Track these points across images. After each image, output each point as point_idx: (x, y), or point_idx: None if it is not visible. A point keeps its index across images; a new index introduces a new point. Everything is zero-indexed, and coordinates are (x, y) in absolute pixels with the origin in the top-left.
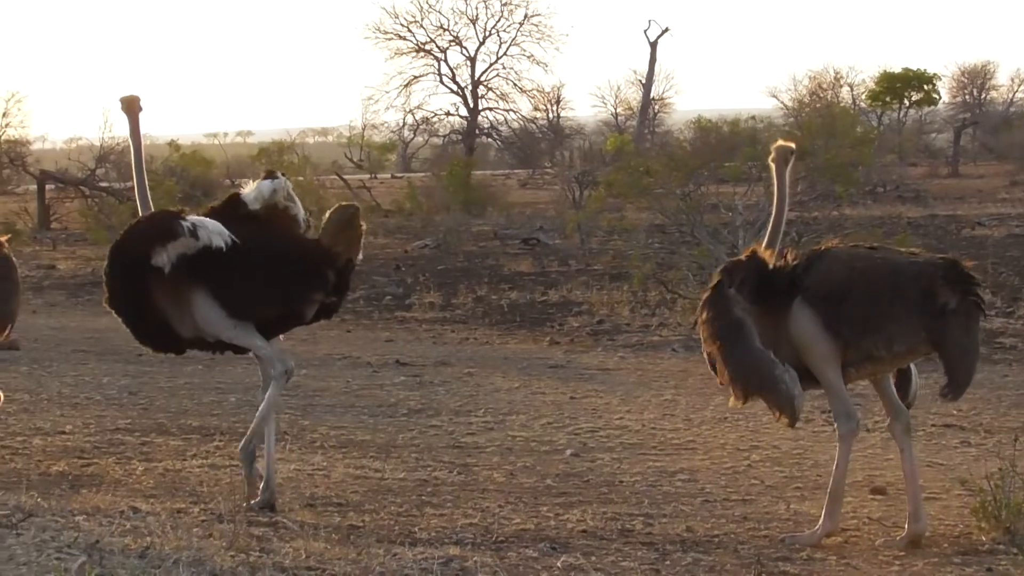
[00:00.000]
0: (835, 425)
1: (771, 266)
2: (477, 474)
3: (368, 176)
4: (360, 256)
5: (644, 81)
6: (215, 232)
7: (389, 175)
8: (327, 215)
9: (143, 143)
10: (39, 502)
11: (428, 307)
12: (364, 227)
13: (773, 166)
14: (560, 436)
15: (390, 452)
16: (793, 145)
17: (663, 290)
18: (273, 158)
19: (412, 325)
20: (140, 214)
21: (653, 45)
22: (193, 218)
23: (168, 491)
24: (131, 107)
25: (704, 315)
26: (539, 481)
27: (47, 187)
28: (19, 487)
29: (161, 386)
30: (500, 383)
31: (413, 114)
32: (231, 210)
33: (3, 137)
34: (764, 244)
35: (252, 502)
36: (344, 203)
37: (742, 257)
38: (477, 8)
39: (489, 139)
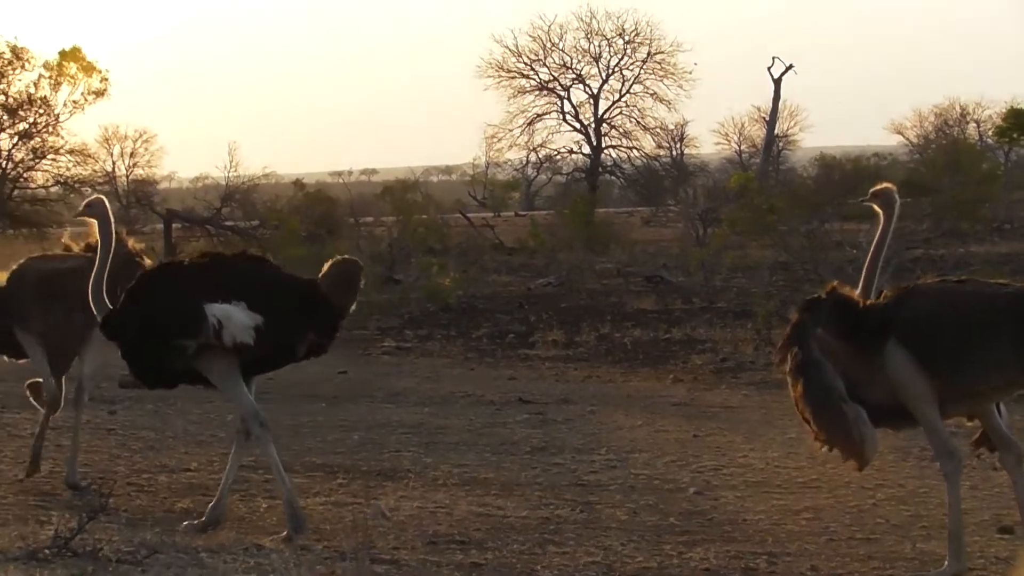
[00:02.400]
0: (938, 464)
1: (860, 305)
2: (600, 512)
3: (491, 214)
4: (354, 307)
5: (768, 118)
6: (241, 329)
7: (512, 213)
8: (331, 263)
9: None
10: (164, 539)
11: (551, 345)
12: (363, 284)
13: (879, 209)
14: (683, 474)
15: (512, 490)
16: (893, 187)
17: None
18: (397, 196)
19: (535, 363)
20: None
21: (777, 82)
22: (219, 313)
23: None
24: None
25: (785, 355)
26: (662, 519)
27: (173, 226)
28: (144, 524)
29: (285, 424)
30: (623, 421)
31: (536, 152)
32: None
33: (131, 177)
34: (860, 285)
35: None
36: (349, 257)
37: (823, 295)
38: (600, 46)
39: (612, 177)
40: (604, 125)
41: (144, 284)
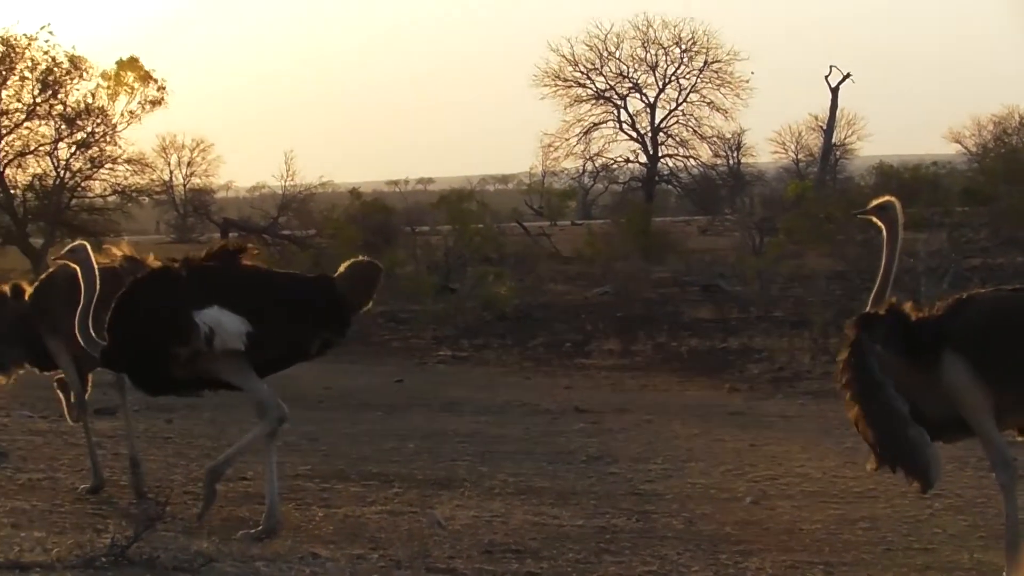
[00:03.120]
0: (995, 475)
1: (914, 318)
2: (656, 521)
3: (548, 223)
4: (369, 306)
5: (825, 127)
6: (232, 335)
7: (569, 222)
8: (351, 263)
9: None
10: (220, 548)
11: (607, 354)
12: (379, 285)
13: (879, 222)
14: (739, 483)
15: (568, 499)
16: (895, 200)
17: None
18: (453, 206)
19: (591, 372)
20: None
21: (834, 91)
22: (210, 319)
23: (347, 537)
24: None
25: (846, 376)
26: (718, 529)
27: (230, 235)
28: (201, 532)
29: (342, 433)
30: (679, 430)
31: (593, 161)
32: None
33: (188, 185)
34: (872, 298)
35: (254, 531)
36: (370, 259)
37: (879, 311)
38: (657, 55)
39: (669, 186)
40: (661, 134)
41: (133, 295)
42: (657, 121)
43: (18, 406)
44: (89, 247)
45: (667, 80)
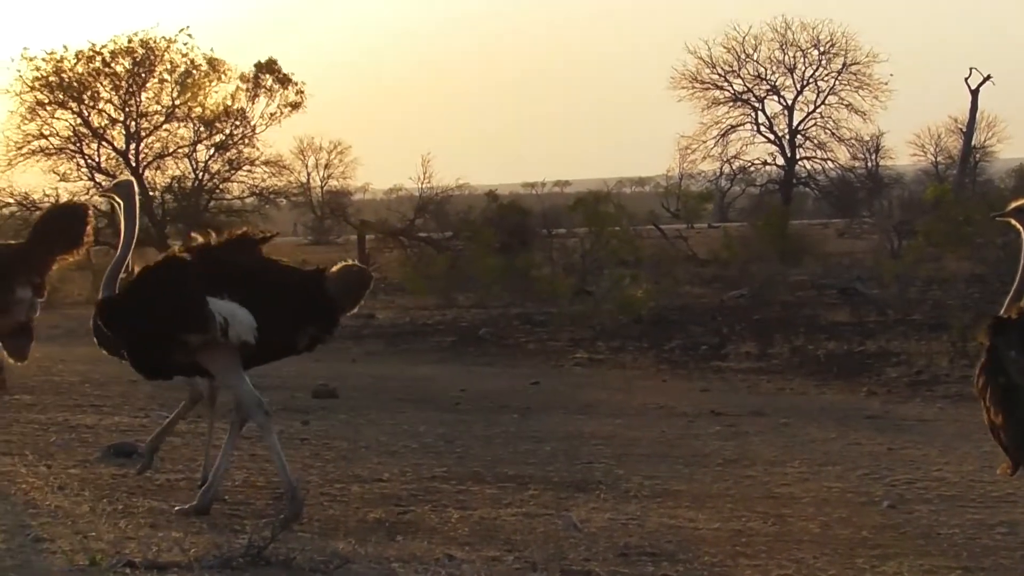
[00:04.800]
0: None
1: None
2: (792, 525)
3: (684, 226)
4: (355, 311)
5: (965, 129)
6: (246, 327)
7: (706, 225)
8: (343, 266)
9: None
10: (356, 549)
11: (744, 357)
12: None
13: (1017, 224)
14: (877, 487)
15: (704, 502)
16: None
17: None
18: (589, 208)
19: (728, 375)
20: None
21: (974, 93)
22: (226, 311)
23: (483, 539)
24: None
25: (984, 383)
26: (855, 533)
27: (367, 237)
28: (337, 534)
29: (477, 435)
30: (816, 433)
31: (730, 163)
32: (240, 245)
33: (325, 188)
34: (1007, 301)
35: (281, 518)
36: (364, 267)
37: (1011, 315)
38: (795, 57)
39: (806, 188)
40: (799, 136)
41: (148, 279)
42: (795, 123)
43: (156, 407)
44: (134, 183)
45: (805, 82)
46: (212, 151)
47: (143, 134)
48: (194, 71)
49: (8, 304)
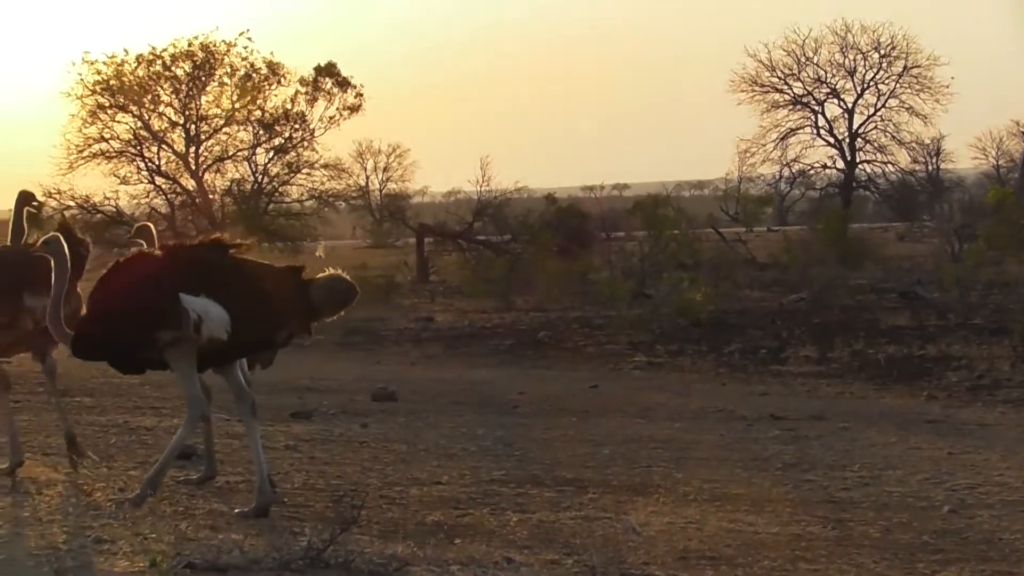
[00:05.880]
0: None
1: None
2: (852, 529)
3: (744, 229)
4: (336, 317)
5: None
6: (218, 324)
7: (765, 228)
8: (334, 276)
9: None
10: (415, 551)
11: (803, 360)
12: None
13: None
14: (937, 492)
15: (763, 506)
16: None
17: None
18: (648, 211)
19: (787, 379)
20: None
21: None
22: (199, 308)
23: (542, 542)
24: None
25: None
26: (915, 537)
27: (425, 240)
28: (395, 536)
29: (535, 438)
30: (876, 438)
31: (789, 167)
32: (213, 247)
33: (383, 191)
34: None
35: (247, 509)
36: (351, 282)
37: None
38: (855, 60)
39: (867, 192)
40: (859, 139)
41: (120, 276)
42: (855, 127)
43: (215, 409)
44: (62, 239)
45: (865, 85)
46: (271, 154)
47: (203, 137)
48: (254, 74)
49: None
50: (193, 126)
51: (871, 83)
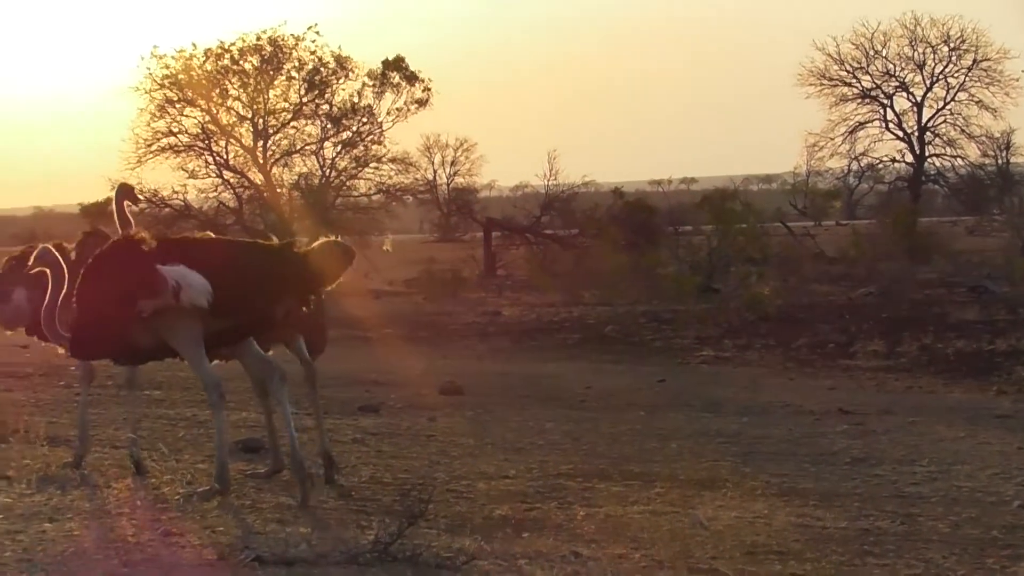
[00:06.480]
0: None
1: None
2: (920, 524)
3: (812, 223)
4: (331, 287)
5: None
6: (199, 292)
7: (833, 222)
8: (326, 242)
9: None
10: (483, 545)
11: (872, 355)
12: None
13: None
14: (1007, 487)
15: (832, 501)
16: None
17: None
18: (716, 205)
19: (855, 373)
20: None
21: None
22: (176, 274)
23: (609, 537)
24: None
25: None
26: (985, 532)
27: (493, 234)
28: (463, 530)
29: (603, 432)
30: (944, 432)
31: (858, 161)
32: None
33: (451, 185)
34: None
35: (201, 490)
36: (346, 244)
37: None
38: (924, 54)
39: (936, 186)
40: (928, 133)
41: (98, 261)
42: (924, 120)
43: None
44: (52, 248)
45: (935, 79)
46: (339, 148)
47: (271, 131)
48: (322, 68)
49: None
50: (261, 120)
51: (940, 76)
